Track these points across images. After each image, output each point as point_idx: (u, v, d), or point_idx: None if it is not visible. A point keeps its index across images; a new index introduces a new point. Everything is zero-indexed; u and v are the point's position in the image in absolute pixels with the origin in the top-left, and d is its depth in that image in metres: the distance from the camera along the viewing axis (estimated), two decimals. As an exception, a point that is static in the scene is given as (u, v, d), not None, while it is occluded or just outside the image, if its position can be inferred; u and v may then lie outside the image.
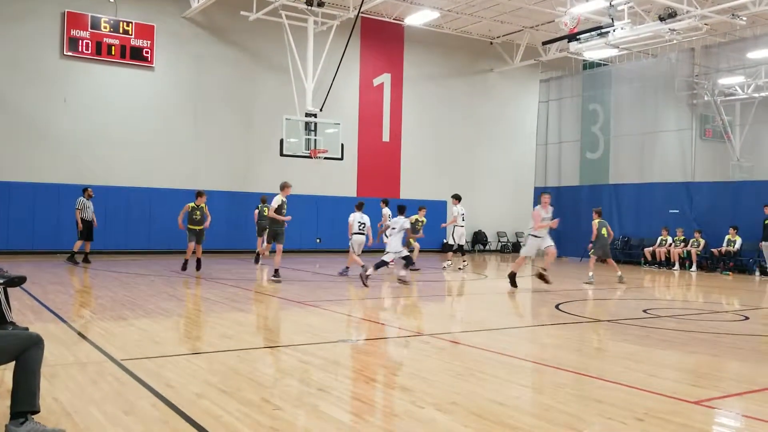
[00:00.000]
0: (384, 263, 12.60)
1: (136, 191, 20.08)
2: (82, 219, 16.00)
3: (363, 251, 14.68)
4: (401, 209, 13.25)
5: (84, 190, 16.49)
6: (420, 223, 16.74)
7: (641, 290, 14.60)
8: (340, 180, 23.45)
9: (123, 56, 20.18)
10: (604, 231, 15.09)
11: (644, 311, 10.32)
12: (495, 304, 11.77)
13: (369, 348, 7.10)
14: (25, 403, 3.77)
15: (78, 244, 16.17)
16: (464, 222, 17.67)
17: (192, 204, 14.40)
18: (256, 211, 18.15)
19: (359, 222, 14.57)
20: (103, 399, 4.68)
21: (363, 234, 14.54)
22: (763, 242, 17.29)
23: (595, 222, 15.30)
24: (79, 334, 7.07)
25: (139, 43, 20.40)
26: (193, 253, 14.44)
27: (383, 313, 9.47)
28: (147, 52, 20.52)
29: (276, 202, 13.22)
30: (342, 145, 19.82)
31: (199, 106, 21.47)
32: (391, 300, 11.71)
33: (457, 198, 17.69)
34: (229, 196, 21.26)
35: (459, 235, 17.67)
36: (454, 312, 10.66)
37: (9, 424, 3.74)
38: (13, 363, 3.83)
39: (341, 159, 20.05)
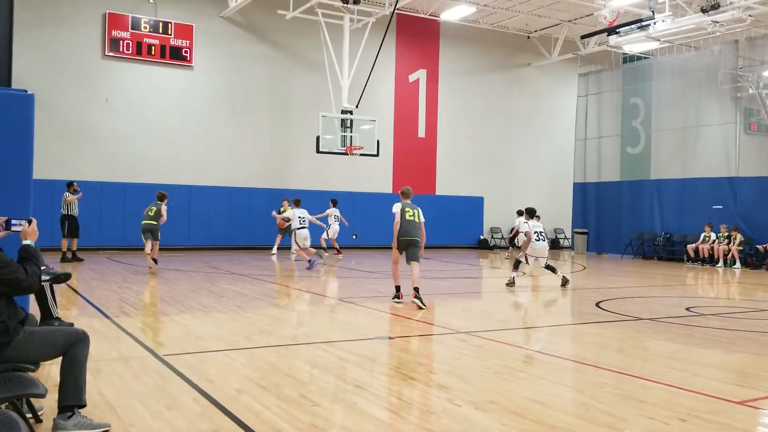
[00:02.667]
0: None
1: (176, 188, 20.40)
2: (67, 215, 15.59)
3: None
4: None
5: (68, 185, 16.09)
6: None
7: (684, 288, 14.30)
8: (375, 176, 23.49)
9: (163, 56, 20.53)
10: None
11: (687, 309, 10.11)
12: (534, 301, 11.66)
13: (405, 345, 7.11)
14: (72, 397, 3.87)
15: (65, 242, 15.71)
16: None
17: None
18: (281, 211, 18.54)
19: (299, 217, 15.68)
20: (146, 394, 4.79)
21: (305, 228, 15.38)
22: None
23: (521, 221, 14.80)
24: (122, 329, 7.23)
25: (178, 42, 20.73)
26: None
27: (419, 310, 9.45)
28: (186, 52, 20.84)
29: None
30: (378, 141, 19.85)
31: (237, 104, 21.73)
32: (427, 297, 11.69)
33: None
34: (266, 193, 21.49)
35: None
36: (491, 309, 10.60)
37: (57, 417, 3.85)
38: (60, 358, 3.94)
39: (377, 155, 20.08)
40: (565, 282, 12.55)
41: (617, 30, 19.06)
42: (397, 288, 9.96)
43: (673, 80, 22.86)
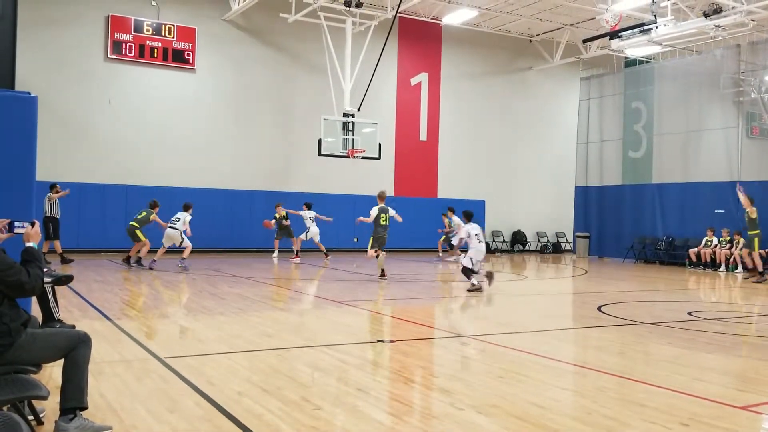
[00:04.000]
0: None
1: (178, 191, 20.42)
2: (49, 217, 15.31)
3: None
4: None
5: (51, 186, 15.85)
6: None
7: (686, 292, 14.28)
8: (377, 179, 23.47)
9: (165, 59, 20.56)
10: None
11: (689, 314, 10.10)
12: (535, 305, 11.65)
13: (407, 348, 7.10)
14: (73, 399, 3.87)
15: (47, 244, 15.22)
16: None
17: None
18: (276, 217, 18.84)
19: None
20: (147, 396, 4.78)
21: (175, 229, 15.18)
22: None
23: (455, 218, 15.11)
24: (124, 331, 7.23)
25: (181, 45, 20.76)
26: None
27: (421, 313, 9.45)
28: (189, 55, 20.87)
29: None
30: (379, 144, 19.86)
31: (239, 107, 21.76)
32: (428, 300, 11.69)
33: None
34: (268, 195, 21.49)
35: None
36: (493, 313, 10.59)
37: (59, 419, 3.85)
38: (62, 360, 3.94)
39: (378, 158, 20.09)
40: (489, 276, 12.35)
41: (619, 34, 19.07)
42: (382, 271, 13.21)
43: (675, 84, 22.87)
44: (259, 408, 4.51)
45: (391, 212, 14.01)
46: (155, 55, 20.42)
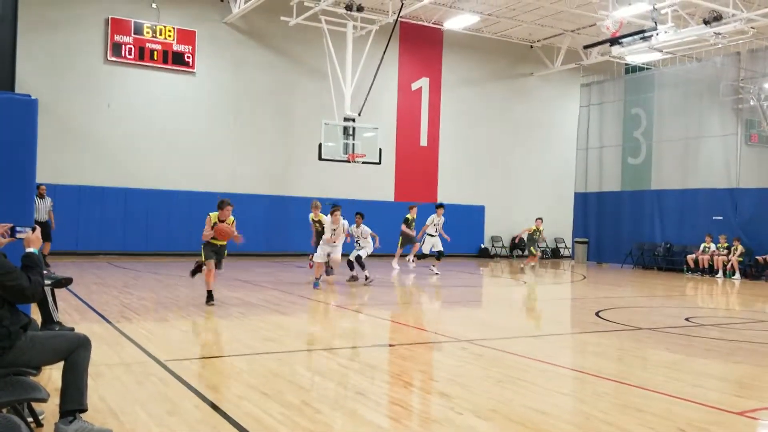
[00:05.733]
0: None
1: (177, 194, 20.45)
2: (40, 222, 14.35)
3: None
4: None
5: (37, 187, 15.55)
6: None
7: (684, 298, 14.30)
8: (377, 184, 23.52)
9: (165, 61, 20.58)
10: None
11: (686, 319, 10.11)
12: (534, 310, 11.66)
13: (407, 353, 7.11)
14: (73, 402, 3.88)
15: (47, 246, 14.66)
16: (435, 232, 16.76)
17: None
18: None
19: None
20: (147, 399, 4.79)
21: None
22: None
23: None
24: (123, 334, 7.23)
25: (181, 48, 20.80)
26: None
27: (420, 318, 9.46)
28: (189, 57, 20.91)
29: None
30: (380, 149, 19.88)
31: (239, 110, 21.79)
32: (428, 305, 11.70)
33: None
34: (268, 199, 21.52)
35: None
36: (492, 318, 10.60)
37: (58, 422, 3.86)
38: (62, 363, 3.95)
39: (379, 163, 20.11)
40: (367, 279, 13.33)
41: (620, 40, 19.12)
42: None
43: (674, 91, 22.93)
44: (259, 411, 4.52)
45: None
46: (155, 58, 20.45)
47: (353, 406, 4.85)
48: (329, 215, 12.75)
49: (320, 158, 19.23)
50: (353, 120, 19.36)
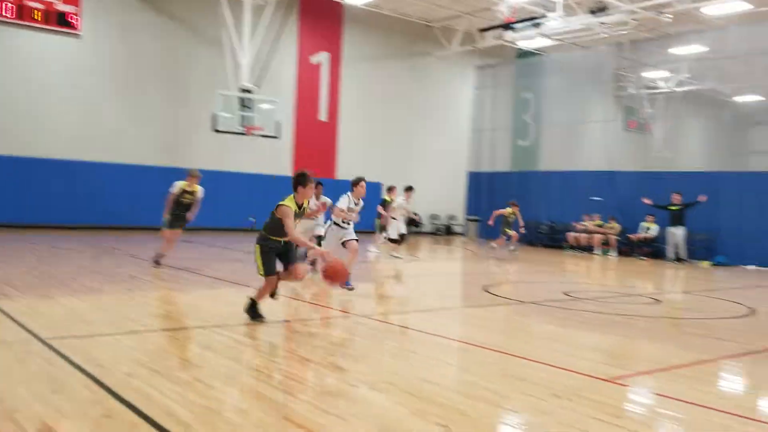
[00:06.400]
0: None
1: (61, 164, 19.34)
2: None
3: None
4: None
5: None
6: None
7: (563, 274, 15.20)
8: (275, 158, 23.22)
9: (47, 21, 19.23)
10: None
11: (565, 294, 10.79)
12: (426, 285, 12.03)
13: (303, 328, 7.19)
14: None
15: None
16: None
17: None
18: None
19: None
20: (31, 379, 4.61)
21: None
22: (670, 228, 18.34)
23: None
24: (2, 311, 6.86)
25: (64, 8, 19.49)
26: None
27: (316, 294, 9.55)
28: (73, 18, 19.65)
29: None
30: (278, 122, 19.62)
31: (128, 76, 20.73)
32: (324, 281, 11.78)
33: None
34: (158, 170, 20.74)
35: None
36: (387, 293, 10.85)
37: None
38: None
39: (277, 137, 19.86)
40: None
41: (512, 26, 19.81)
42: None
43: (561, 77, 24.06)
44: (149, 389, 4.45)
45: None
46: (36, 17, 19.05)
47: (247, 381, 4.88)
48: (353, 186, 10.67)
49: (215, 130, 18.74)
50: (250, 92, 18.98)
